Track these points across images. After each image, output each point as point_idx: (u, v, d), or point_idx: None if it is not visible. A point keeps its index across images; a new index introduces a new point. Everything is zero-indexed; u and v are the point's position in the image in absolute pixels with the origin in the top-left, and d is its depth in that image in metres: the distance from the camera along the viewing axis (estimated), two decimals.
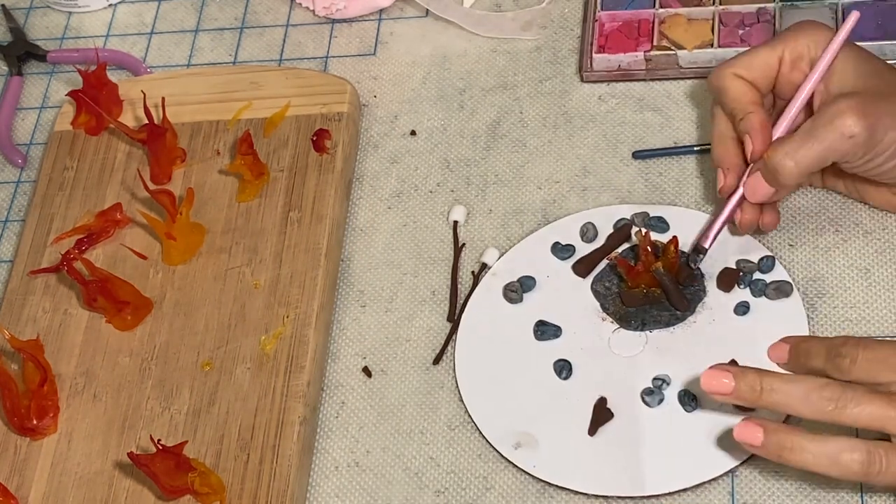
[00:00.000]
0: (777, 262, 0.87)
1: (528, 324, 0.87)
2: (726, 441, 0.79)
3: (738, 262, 0.87)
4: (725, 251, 0.88)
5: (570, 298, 0.88)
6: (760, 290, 0.85)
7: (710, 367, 0.74)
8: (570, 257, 0.89)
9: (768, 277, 0.86)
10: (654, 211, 0.91)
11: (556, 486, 0.81)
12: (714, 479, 0.79)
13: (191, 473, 0.81)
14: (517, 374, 0.86)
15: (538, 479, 0.82)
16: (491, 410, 0.85)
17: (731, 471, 0.80)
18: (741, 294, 0.86)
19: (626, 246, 0.89)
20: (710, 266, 0.87)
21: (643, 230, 0.85)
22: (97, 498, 0.85)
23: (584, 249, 0.90)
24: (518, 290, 0.88)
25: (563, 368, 0.85)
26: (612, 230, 0.90)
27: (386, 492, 0.84)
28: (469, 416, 0.85)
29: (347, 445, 0.86)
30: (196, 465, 0.82)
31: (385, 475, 0.85)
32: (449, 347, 0.89)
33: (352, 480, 0.85)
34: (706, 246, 0.84)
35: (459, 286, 0.91)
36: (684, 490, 0.79)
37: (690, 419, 0.81)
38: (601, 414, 0.82)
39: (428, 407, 0.87)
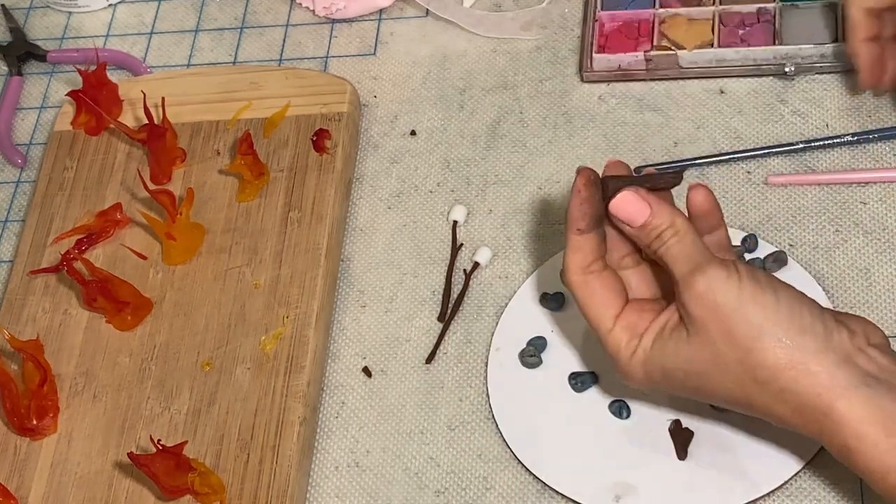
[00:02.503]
0: (758, 237, 0.87)
1: (561, 380, 0.85)
2: None
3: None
4: None
5: (587, 343, 0.86)
6: (759, 267, 0.86)
7: (625, 192, 0.73)
8: (562, 307, 0.88)
9: (759, 254, 0.86)
10: None
11: None
12: (819, 452, 0.78)
13: (191, 473, 0.81)
14: (579, 432, 0.83)
15: (538, 479, 0.82)
16: (572, 475, 0.81)
17: None
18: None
19: None
20: None
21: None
22: (97, 498, 0.85)
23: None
24: (535, 353, 0.86)
25: (622, 408, 0.82)
26: None
27: (386, 492, 0.84)
28: (545, 484, 0.82)
29: (347, 445, 0.86)
30: (196, 465, 0.82)
31: (385, 475, 0.85)
32: (441, 348, 0.89)
33: (352, 480, 0.85)
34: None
35: (455, 286, 0.91)
36: (796, 475, 0.78)
37: None
38: (682, 436, 0.80)
39: (428, 407, 0.87)
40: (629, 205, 0.72)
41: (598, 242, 0.74)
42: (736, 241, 0.87)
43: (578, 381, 0.84)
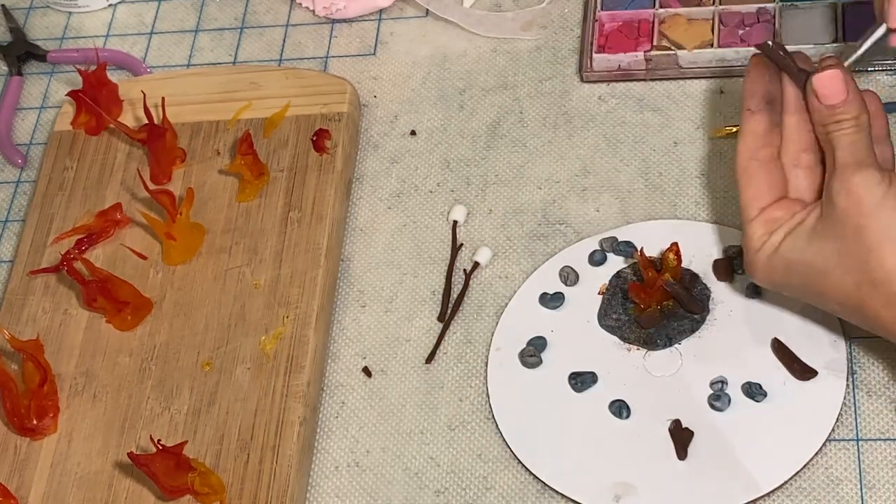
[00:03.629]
0: None
1: (561, 380, 0.85)
2: (814, 413, 0.80)
3: (724, 251, 0.87)
4: (705, 246, 0.88)
5: (587, 342, 0.86)
6: None
7: (834, 69, 0.73)
8: (561, 305, 0.88)
9: None
10: (621, 235, 0.90)
11: None
12: (819, 452, 0.79)
13: (191, 473, 0.81)
14: (579, 432, 0.83)
15: (538, 478, 0.82)
16: (572, 475, 0.81)
17: (828, 438, 0.80)
18: (744, 278, 0.86)
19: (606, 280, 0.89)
20: (698, 263, 0.87)
21: (638, 250, 0.85)
22: (97, 498, 0.85)
23: (571, 294, 0.88)
24: (535, 352, 0.86)
25: (622, 408, 0.82)
26: (589, 266, 0.89)
27: (386, 492, 0.84)
28: (545, 484, 0.82)
29: (347, 445, 0.86)
30: (196, 465, 0.82)
31: (385, 475, 0.85)
32: (441, 348, 0.89)
33: (352, 480, 0.85)
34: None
35: (455, 286, 0.91)
36: (796, 475, 0.79)
37: (765, 408, 0.81)
38: (682, 435, 0.81)
39: (428, 407, 0.87)
40: (832, 81, 0.73)
41: (769, 127, 0.76)
42: (736, 241, 0.87)
43: (578, 381, 0.84)
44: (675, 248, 0.84)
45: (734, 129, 0.93)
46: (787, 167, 0.77)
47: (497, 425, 0.85)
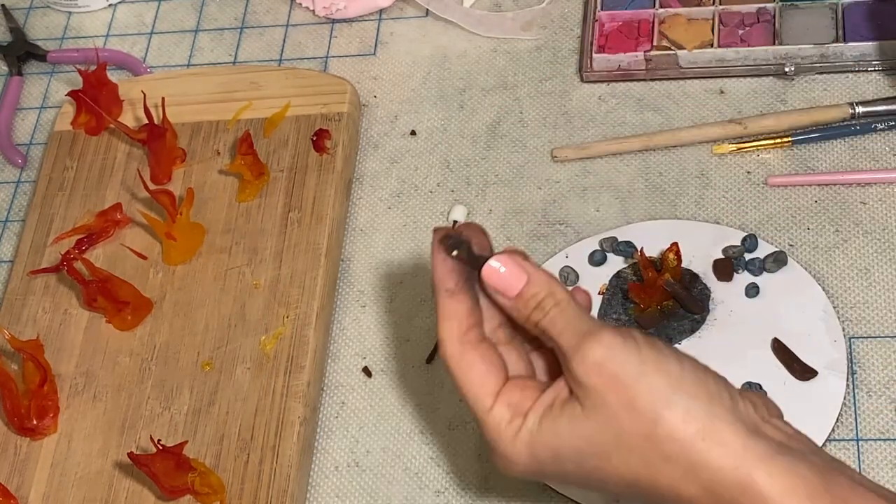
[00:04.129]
0: (757, 237, 0.88)
1: None
2: (815, 414, 0.80)
3: (724, 251, 0.87)
4: (704, 246, 0.88)
5: None
6: (759, 267, 0.86)
7: (502, 253, 0.65)
8: None
9: (759, 254, 0.86)
10: (621, 235, 0.90)
11: None
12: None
13: (191, 473, 0.81)
14: None
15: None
16: None
17: (828, 438, 0.80)
18: (744, 277, 0.86)
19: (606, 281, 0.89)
20: (698, 263, 0.87)
21: (639, 250, 0.85)
22: (97, 498, 0.85)
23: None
24: None
25: None
26: (589, 266, 0.89)
27: (386, 492, 0.84)
28: (546, 484, 0.81)
29: (347, 445, 0.86)
30: (196, 465, 0.82)
31: (385, 475, 0.85)
32: None
33: (352, 480, 0.85)
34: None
35: None
36: None
37: None
38: None
39: (428, 407, 0.87)
40: (505, 275, 0.64)
41: (472, 306, 0.65)
42: (736, 241, 0.87)
43: None
44: (675, 248, 0.84)
45: (737, 147, 0.92)
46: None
47: None
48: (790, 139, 0.92)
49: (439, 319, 0.65)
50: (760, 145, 0.92)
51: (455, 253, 0.65)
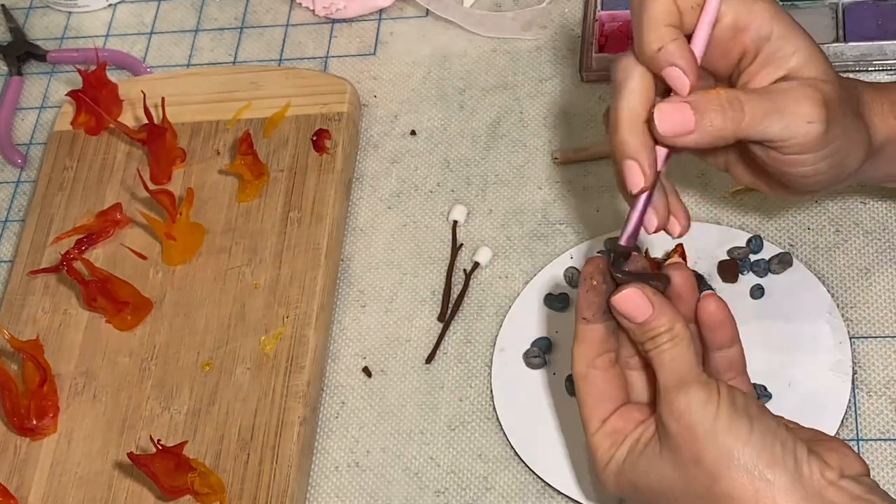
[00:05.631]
0: (763, 238, 0.88)
1: (565, 382, 0.85)
2: (819, 415, 0.80)
3: (729, 252, 0.87)
4: (709, 247, 0.88)
5: None
6: (764, 268, 0.86)
7: (631, 287, 0.68)
8: (567, 307, 0.88)
9: (764, 255, 0.86)
10: None
11: None
12: None
13: (191, 473, 0.81)
14: (583, 433, 0.83)
15: (539, 479, 0.82)
16: (576, 476, 0.81)
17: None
18: (749, 279, 0.86)
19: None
20: (703, 265, 0.87)
21: (643, 251, 0.84)
22: (97, 498, 0.85)
23: (576, 295, 0.87)
24: (539, 353, 0.86)
25: None
26: None
27: (386, 492, 0.84)
28: (546, 484, 0.82)
29: (347, 445, 0.86)
30: (196, 465, 0.82)
31: (385, 475, 0.85)
32: (441, 348, 0.89)
33: (352, 480, 0.85)
34: (625, 244, 0.70)
35: (455, 286, 0.91)
36: None
37: (770, 409, 0.79)
38: None
39: (428, 407, 0.87)
40: (632, 300, 0.68)
41: (606, 335, 0.70)
42: (740, 243, 0.87)
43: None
44: (680, 249, 0.84)
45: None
46: (624, 369, 0.72)
47: (500, 425, 0.85)
48: None
49: (574, 341, 0.70)
50: None
51: (601, 279, 0.70)
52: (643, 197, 0.69)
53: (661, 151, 0.68)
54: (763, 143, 0.69)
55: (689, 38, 0.68)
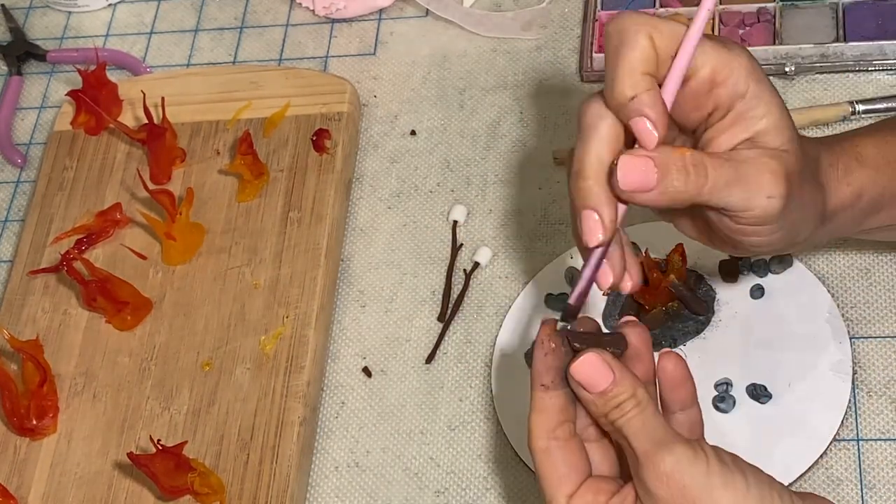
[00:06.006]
0: None
1: None
2: (819, 415, 0.80)
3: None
4: (710, 248, 0.87)
5: None
6: (764, 268, 0.86)
7: (589, 353, 0.64)
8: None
9: (764, 255, 0.86)
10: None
11: None
12: (826, 451, 0.79)
13: (191, 473, 0.81)
14: None
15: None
16: None
17: (835, 438, 0.80)
18: (749, 279, 0.86)
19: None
20: (703, 264, 0.87)
21: (643, 251, 0.85)
22: (97, 498, 0.85)
23: None
24: None
25: None
26: None
27: (386, 492, 0.84)
28: None
29: (347, 445, 0.86)
30: (196, 465, 0.82)
31: (385, 475, 0.85)
32: (441, 348, 0.89)
33: (352, 480, 0.85)
34: (573, 303, 0.66)
35: (455, 286, 0.91)
36: (798, 478, 0.79)
37: (770, 409, 0.81)
38: None
39: (428, 407, 0.87)
40: (592, 367, 0.64)
41: (566, 403, 0.65)
42: None
43: None
44: (680, 249, 0.84)
45: None
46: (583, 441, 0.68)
47: (500, 425, 0.85)
48: None
49: (531, 411, 0.66)
50: None
51: (560, 333, 0.65)
52: (598, 252, 0.65)
53: (622, 206, 0.65)
54: (719, 210, 0.67)
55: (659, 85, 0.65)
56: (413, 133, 1.00)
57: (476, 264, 0.92)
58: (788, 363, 0.82)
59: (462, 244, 0.93)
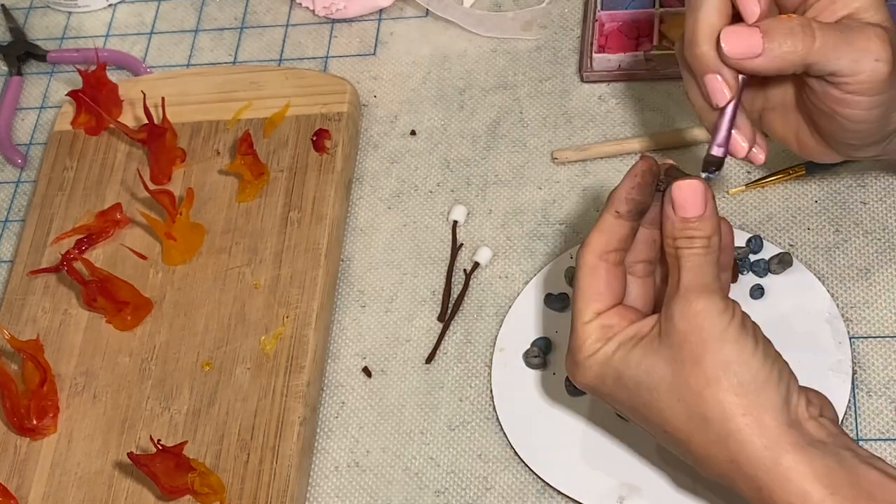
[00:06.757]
0: (763, 238, 0.87)
1: (565, 382, 0.85)
2: None
3: None
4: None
5: None
6: (764, 269, 0.86)
7: (697, 181, 0.69)
8: (566, 307, 0.88)
9: (764, 255, 0.86)
10: None
11: None
12: None
13: (191, 473, 0.81)
14: (583, 433, 0.83)
15: (539, 479, 0.82)
16: (577, 476, 0.81)
17: None
18: (749, 279, 0.86)
19: None
20: None
21: None
22: (97, 498, 0.85)
23: None
24: (539, 353, 0.86)
25: None
26: None
27: (386, 492, 0.84)
28: (546, 484, 0.82)
29: (347, 445, 0.86)
30: (196, 465, 0.82)
31: (385, 475, 0.85)
32: (441, 348, 0.89)
33: (352, 480, 0.85)
34: (718, 154, 0.72)
35: (455, 286, 0.91)
36: None
37: None
38: None
39: (428, 407, 0.87)
40: (693, 193, 0.68)
41: (628, 234, 0.71)
42: (740, 242, 0.87)
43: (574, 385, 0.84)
44: None
45: (747, 187, 0.92)
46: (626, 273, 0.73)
47: (500, 425, 0.85)
48: (804, 170, 0.91)
49: (593, 229, 0.71)
50: (775, 180, 0.91)
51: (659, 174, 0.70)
52: (730, 108, 0.70)
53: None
54: (825, 78, 0.69)
55: None
56: (413, 133, 1.00)
57: (476, 264, 0.92)
58: (788, 363, 0.82)
59: (462, 244, 0.94)
